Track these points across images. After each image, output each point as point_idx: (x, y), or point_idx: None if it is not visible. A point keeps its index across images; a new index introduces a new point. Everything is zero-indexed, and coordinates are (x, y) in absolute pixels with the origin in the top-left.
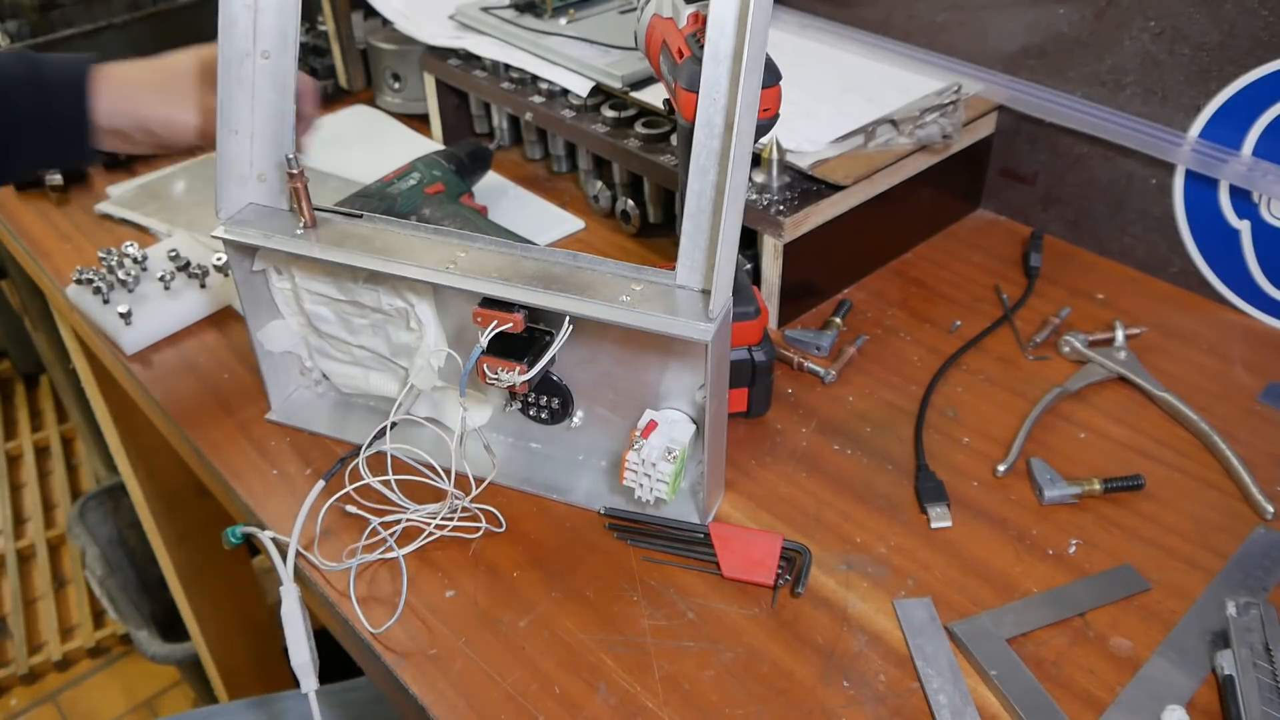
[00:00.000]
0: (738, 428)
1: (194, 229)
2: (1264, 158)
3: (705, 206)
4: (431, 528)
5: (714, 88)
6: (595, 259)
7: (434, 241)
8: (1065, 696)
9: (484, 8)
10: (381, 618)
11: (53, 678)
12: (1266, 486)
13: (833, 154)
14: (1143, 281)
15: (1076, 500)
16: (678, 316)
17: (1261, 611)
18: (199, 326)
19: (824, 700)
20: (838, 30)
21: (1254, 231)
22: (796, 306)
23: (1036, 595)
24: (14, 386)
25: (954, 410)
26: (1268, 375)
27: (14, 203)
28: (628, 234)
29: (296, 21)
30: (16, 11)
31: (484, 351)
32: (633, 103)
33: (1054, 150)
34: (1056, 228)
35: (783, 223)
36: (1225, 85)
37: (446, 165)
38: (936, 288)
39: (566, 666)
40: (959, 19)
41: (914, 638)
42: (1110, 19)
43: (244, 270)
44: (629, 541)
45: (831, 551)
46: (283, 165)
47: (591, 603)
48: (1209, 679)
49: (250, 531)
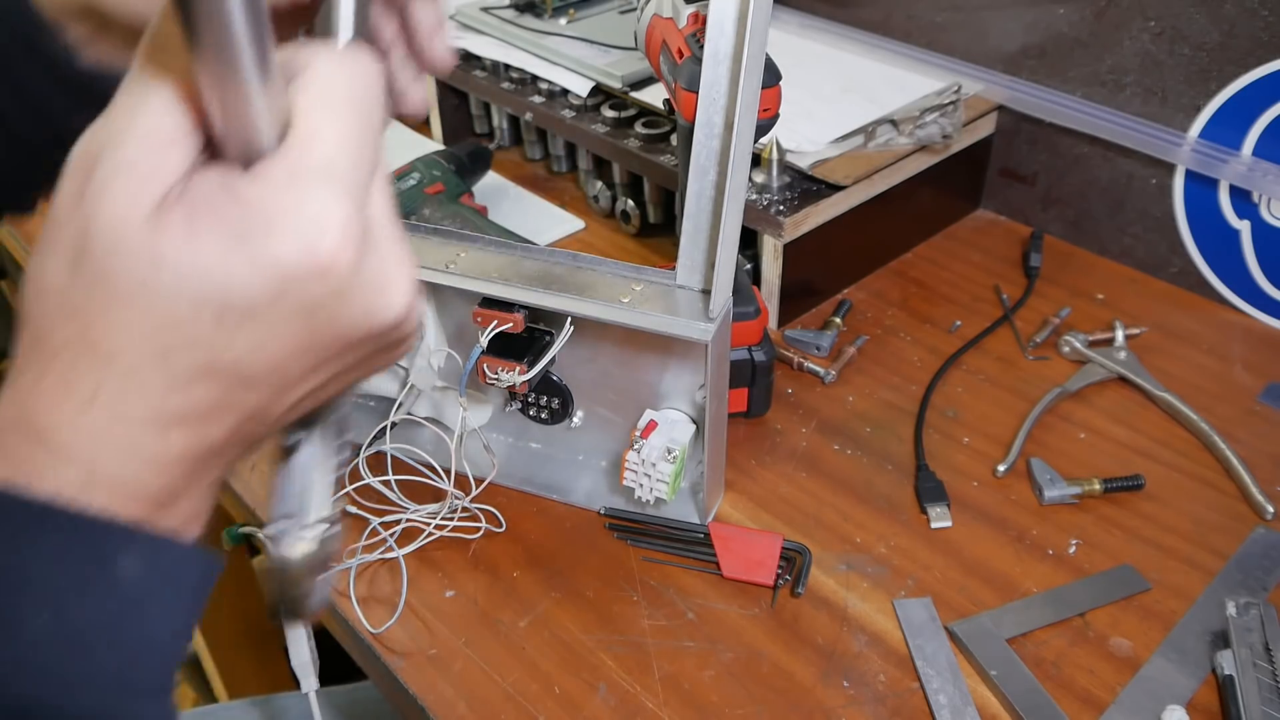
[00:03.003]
0: (738, 428)
1: None
2: (1264, 158)
3: (705, 206)
4: (431, 528)
5: (714, 88)
6: (595, 259)
7: (434, 241)
8: (1065, 696)
9: (484, 8)
10: (381, 618)
11: None
12: (1266, 486)
13: (833, 154)
14: (1143, 281)
15: (1076, 500)
16: (678, 317)
17: (1261, 611)
18: None
19: (824, 700)
20: (838, 30)
21: (1254, 231)
22: (796, 306)
23: (1036, 595)
24: None
25: (954, 410)
26: (1268, 375)
27: None
28: (628, 234)
29: None
30: None
31: (484, 351)
32: (633, 103)
33: (1054, 150)
34: (1056, 228)
35: (783, 223)
36: (1225, 85)
37: (446, 165)
38: (936, 288)
39: (566, 666)
40: (959, 19)
41: (914, 638)
42: (1110, 19)
43: None
44: (629, 541)
45: (831, 551)
46: None
47: (591, 603)
48: (1209, 679)
49: (249, 531)
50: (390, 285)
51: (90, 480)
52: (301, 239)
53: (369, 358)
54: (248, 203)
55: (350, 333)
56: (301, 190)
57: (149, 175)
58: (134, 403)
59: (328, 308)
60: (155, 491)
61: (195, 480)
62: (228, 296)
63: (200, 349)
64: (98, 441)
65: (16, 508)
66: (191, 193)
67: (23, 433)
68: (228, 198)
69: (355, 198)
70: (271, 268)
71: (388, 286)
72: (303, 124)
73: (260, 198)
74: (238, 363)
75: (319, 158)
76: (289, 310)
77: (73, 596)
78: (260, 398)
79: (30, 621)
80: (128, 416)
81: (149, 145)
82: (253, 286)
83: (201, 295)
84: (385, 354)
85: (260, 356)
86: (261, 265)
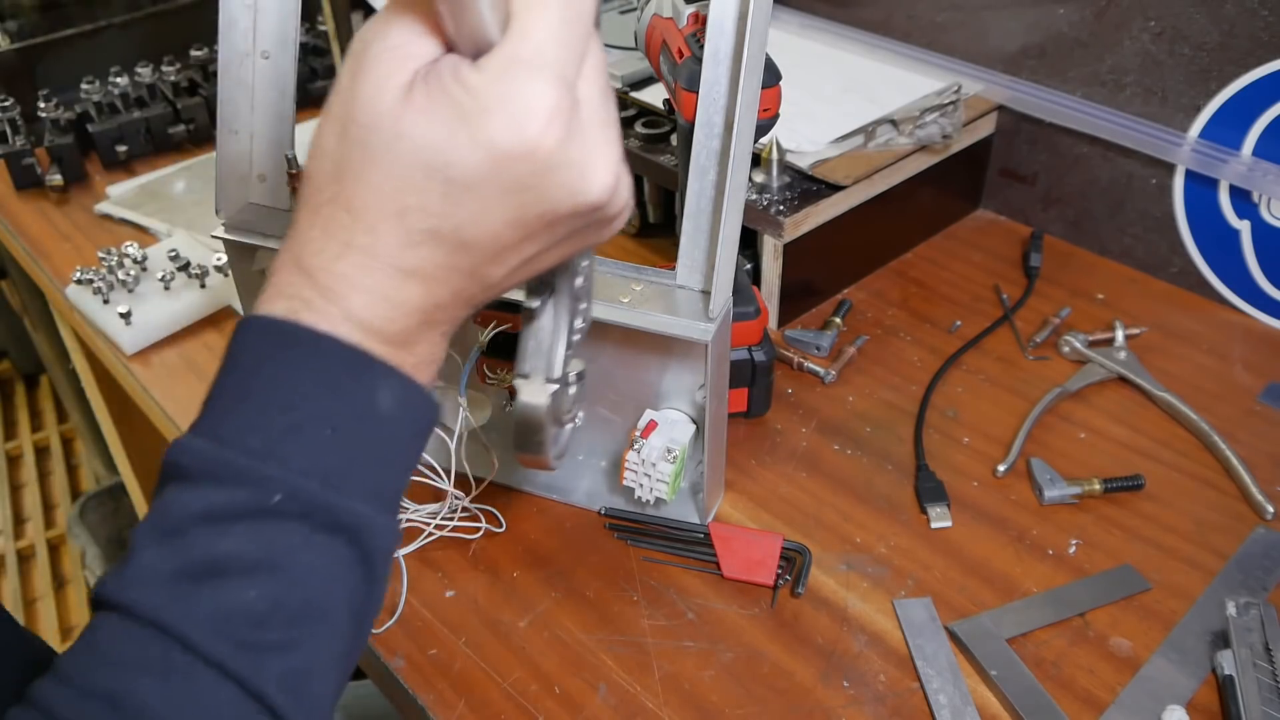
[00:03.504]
0: (738, 428)
1: (194, 229)
2: (1264, 158)
3: (705, 206)
4: (431, 528)
5: (714, 88)
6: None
7: None
8: (1065, 696)
9: None
10: (381, 618)
11: None
12: (1266, 486)
13: (833, 154)
14: (1143, 281)
15: (1076, 500)
16: (678, 317)
17: (1261, 611)
18: (199, 326)
19: (824, 700)
20: (838, 30)
21: (1254, 231)
22: (796, 306)
23: (1036, 595)
24: (14, 386)
25: (954, 410)
26: (1268, 375)
27: (14, 203)
28: (628, 234)
29: (296, 22)
30: (16, 11)
31: (484, 351)
32: (633, 103)
33: (1054, 150)
34: (1056, 228)
35: (783, 223)
36: (1225, 85)
37: None
38: (936, 288)
39: (566, 666)
40: (959, 19)
41: (914, 638)
42: (1110, 19)
43: (244, 270)
44: (629, 541)
45: (831, 551)
46: (282, 165)
47: (591, 603)
48: (1209, 679)
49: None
50: (592, 167)
51: (347, 317)
52: (511, 122)
53: (578, 233)
54: (471, 88)
55: (556, 209)
56: (514, 78)
57: (405, 57)
58: (378, 253)
59: (535, 187)
60: (395, 334)
61: (427, 330)
62: (450, 170)
63: (430, 215)
64: (350, 285)
65: (303, 336)
66: (431, 76)
67: (297, 271)
68: (456, 83)
69: (563, 83)
70: (486, 147)
71: (590, 168)
72: (519, 18)
73: (481, 85)
74: (458, 230)
75: (531, 48)
76: (502, 186)
77: (350, 420)
78: (476, 262)
79: (316, 434)
80: (372, 266)
81: (407, 34)
82: (470, 162)
83: (431, 166)
84: (595, 230)
85: (477, 227)
86: (479, 143)
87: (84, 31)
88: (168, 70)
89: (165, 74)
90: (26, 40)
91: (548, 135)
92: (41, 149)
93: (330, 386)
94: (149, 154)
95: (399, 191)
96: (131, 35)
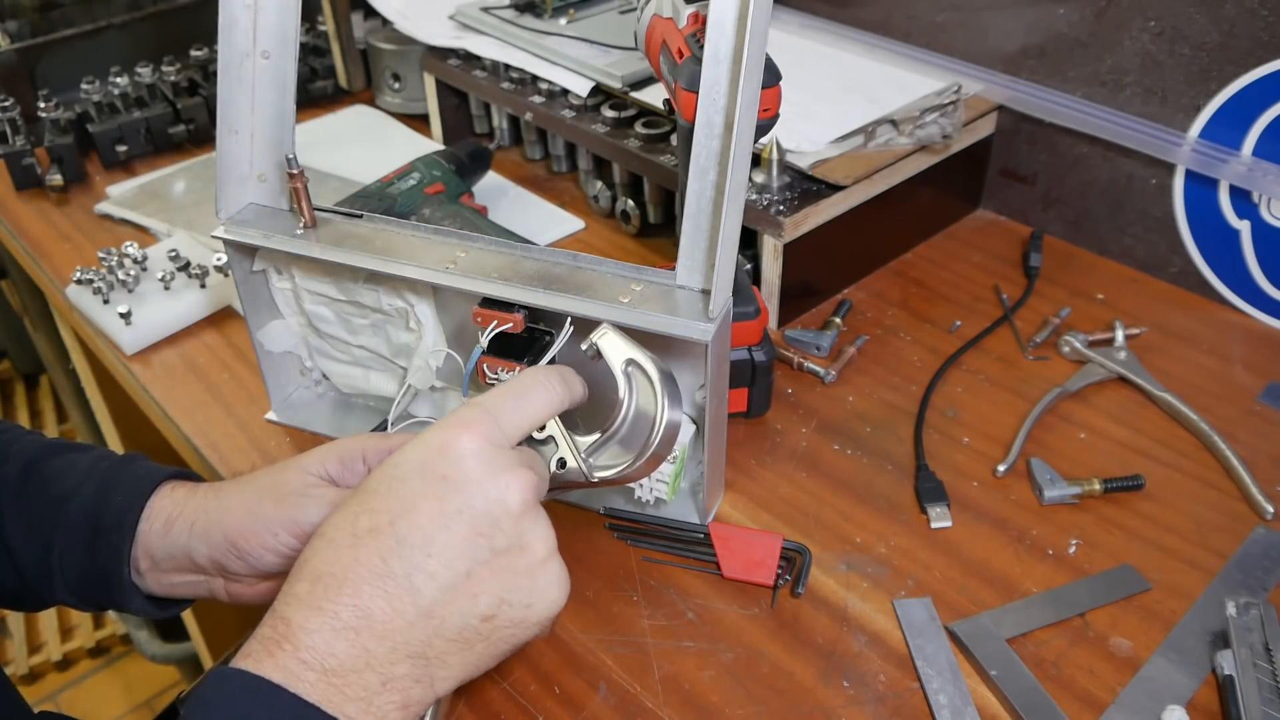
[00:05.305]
0: (738, 428)
1: (194, 229)
2: (1264, 158)
3: (705, 206)
4: None
5: (714, 88)
6: (595, 259)
7: (434, 241)
8: (1065, 696)
9: (484, 8)
10: None
11: (53, 678)
12: (1266, 486)
13: (833, 154)
14: (1143, 281)
15: (1076, 500)
16: (678, 317)
17: (1261, 611)
18: (199, 326)
19: (824, 700)
20: (838, 30)
21: (1254, 231)
22: (796, 306)
23: (1036, 595)
24: (14, 386)
25: (954, 410)
26: (1268, 375)
27: (14, 203)
28: (628, 234)
29: (296, 21)
30: (16, 11)
31: (484, 351)
32: (633, 103)
33: (1054, 150)
34: (1056, 228)
35: (783, 223)
36: (1225, 85)
37: (446, 165)
38: (936, 288)
39: (566, 666)
40: (959, 19)
41: (914, 638)
42: (1110, 19)
43: (244, 270)
44: (629, 541)
45: (831, 551)
46: (283, 165)
47: (591, 603)
48: (1209, 679)
49: None
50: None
51: (324, 680)
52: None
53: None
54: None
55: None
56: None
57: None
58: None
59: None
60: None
61: (407, 713)
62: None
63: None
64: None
65: (286, 700)
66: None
67: (279, 626)
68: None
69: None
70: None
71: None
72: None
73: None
74: (426, 646)
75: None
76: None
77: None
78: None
79: None
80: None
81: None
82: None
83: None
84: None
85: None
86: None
87: (84, 32)
88: (168, 70)
89: (165, 74)
90: (26, 40)
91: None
92: (41, 149)
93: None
94: (149, 154)
95: (377, 576)
96: (131, 35)
